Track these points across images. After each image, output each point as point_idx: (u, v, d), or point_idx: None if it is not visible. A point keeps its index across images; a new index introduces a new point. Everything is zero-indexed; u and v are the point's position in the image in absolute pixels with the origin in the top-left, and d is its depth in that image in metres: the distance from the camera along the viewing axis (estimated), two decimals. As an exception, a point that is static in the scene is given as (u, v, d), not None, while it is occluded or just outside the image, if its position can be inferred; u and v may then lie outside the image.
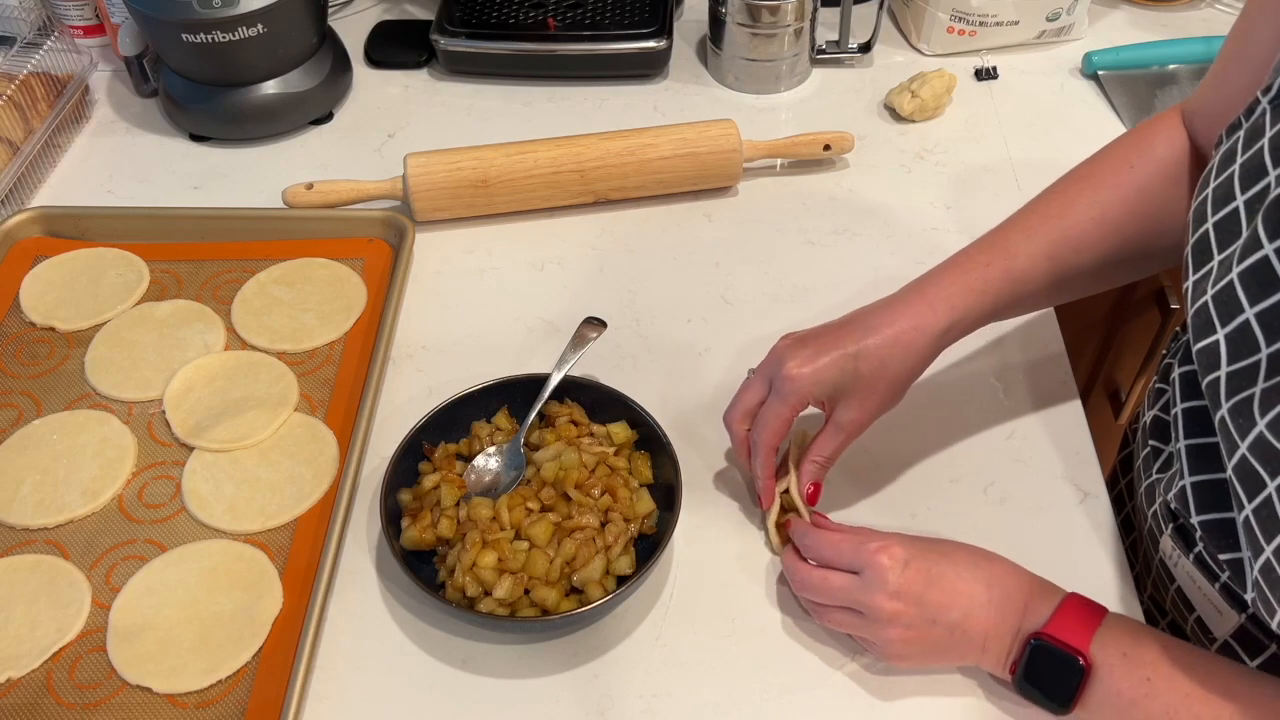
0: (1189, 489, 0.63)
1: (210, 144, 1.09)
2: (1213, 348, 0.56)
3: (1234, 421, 0.54)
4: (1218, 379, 0.55)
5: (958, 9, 1.14)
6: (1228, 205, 0.57)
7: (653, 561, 0.70)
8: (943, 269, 0.73)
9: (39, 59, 1.06)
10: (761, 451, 0.73)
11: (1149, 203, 0.72)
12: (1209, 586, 0.66)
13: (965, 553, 0.67)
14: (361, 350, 0.88)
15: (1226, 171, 0.58)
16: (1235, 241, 0.55)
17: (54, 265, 0.95)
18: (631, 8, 1.16)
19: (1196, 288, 0.58)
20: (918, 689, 0.68)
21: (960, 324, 0.71)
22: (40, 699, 0.68)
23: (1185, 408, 0.65)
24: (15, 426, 0.83)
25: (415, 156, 0.97)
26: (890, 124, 1.11)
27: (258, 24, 1.00)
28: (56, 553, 0.76)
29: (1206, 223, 0.58)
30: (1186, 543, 0.68)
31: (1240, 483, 0.54)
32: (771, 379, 0.72)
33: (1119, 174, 0.73)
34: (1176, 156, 0.72)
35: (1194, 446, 0.64)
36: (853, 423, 0.71)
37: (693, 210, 1.02)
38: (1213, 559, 0.65)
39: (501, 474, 0.77)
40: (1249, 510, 0.53)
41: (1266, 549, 0.53)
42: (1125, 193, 0.72)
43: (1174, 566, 0.70)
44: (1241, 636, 0.65)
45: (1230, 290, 0.55)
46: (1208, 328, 0.56)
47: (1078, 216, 0.72)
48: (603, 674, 0.70)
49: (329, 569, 0.72)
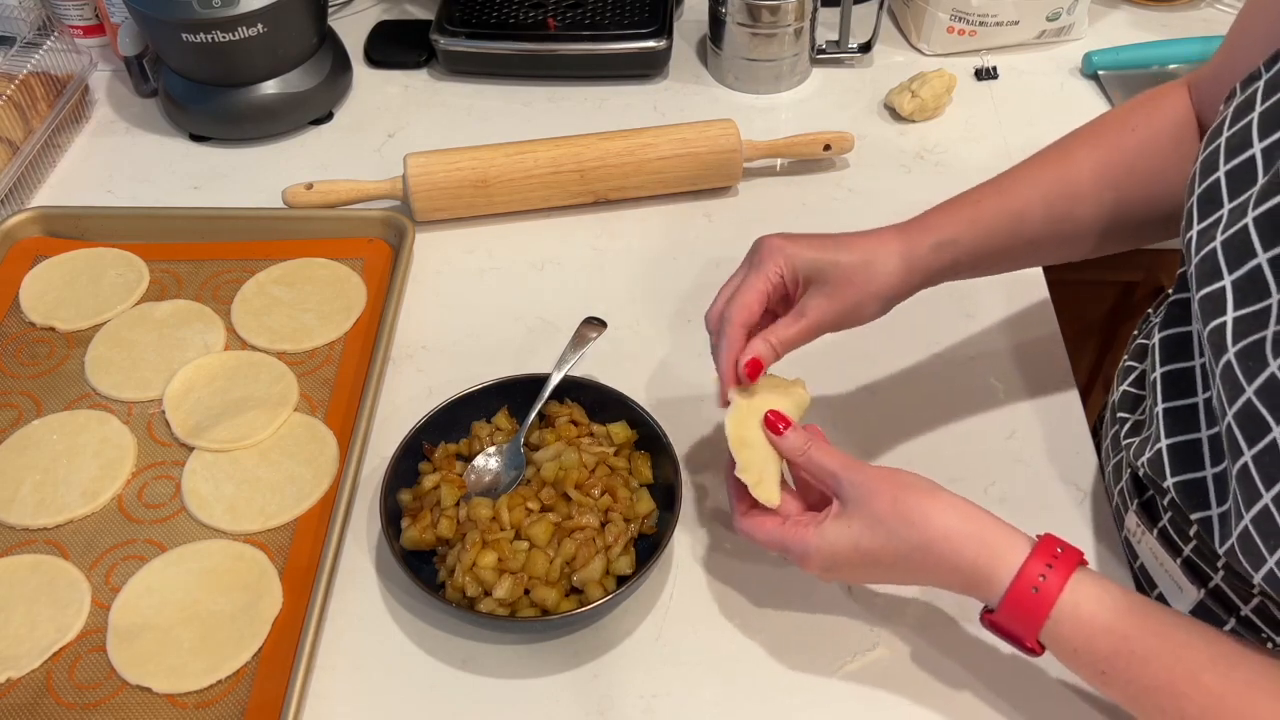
0: (1164, 451, 0.63)
1: (210, 144, 1.09)
2: (1217, 294, 0.56)
3: (1241, 365, 0.53)
4: (1223, 324, 0.55)
5: (958, 9, 1.14)
6: (1243, 153, 0.57)
7: (653, 561, 0.70)
8: (934, 206, 0.73)
9: (39, 59, 1.06)
10: (729, 328, 0.68)
11: (1149, 164, 0.72)
12: (1171, 563, 0.67)
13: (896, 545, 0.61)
14: (361, 350, 0.88)
15: (1243, 121, 0.58)
16: (1250, 189, 0.56)
17: (54, 265, 0.95)
18: (631, 8, 1.16)
19: (1202, 236, 0.58)
20: (918, 689, 0.69)
21: (949, 247, 0.70)
22: (40, 699, 0.68)
23: (1165, 371, 0.65)
24: (15, 426, 0.83)
25: (415, 156, 0.97)
26: (890, 124, 1.11)
27: (258, 24, 1.00)
28: (56, 553, 0.76)
29: (1217, 171, 0.58)
30: (1151, 518, 0.69)
31: (1241, 429, 0.53)
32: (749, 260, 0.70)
33: (1121, 134, 0.73)
34: (1180, 123, 0.72)
35: (1171, 409, 0.63)
36: (819, 311, 0.68)
37: (693, 210, 1.02)
38: (1177, 530, 0.65)
39: (501, 474, 0.77)
40: (1248, 457, 0.53)
41: (1265, 495, 0.52)
42: (1126, 152, 0.72)
43: (1137, 544, 0.71)
44: (1202, 612, 0.66)
45: (1243, 235, 0.55)
46: (1213, 274, 0.56)
47: (1078, 167, 0.72)
48: (603, 674, 0.70)
49: (329, 569, 0.72)
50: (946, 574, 0.61)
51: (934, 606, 0.72)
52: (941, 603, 0.72)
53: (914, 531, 0.60)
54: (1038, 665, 0.69)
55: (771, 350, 0.68)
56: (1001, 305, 0.92)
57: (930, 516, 0.60)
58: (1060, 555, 0.59)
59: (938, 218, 0.72)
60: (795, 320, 0.68)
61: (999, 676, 0.69)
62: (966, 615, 0.72)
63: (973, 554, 0.60)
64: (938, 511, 0.61)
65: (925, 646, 0.71)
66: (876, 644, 0.71)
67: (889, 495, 0.61)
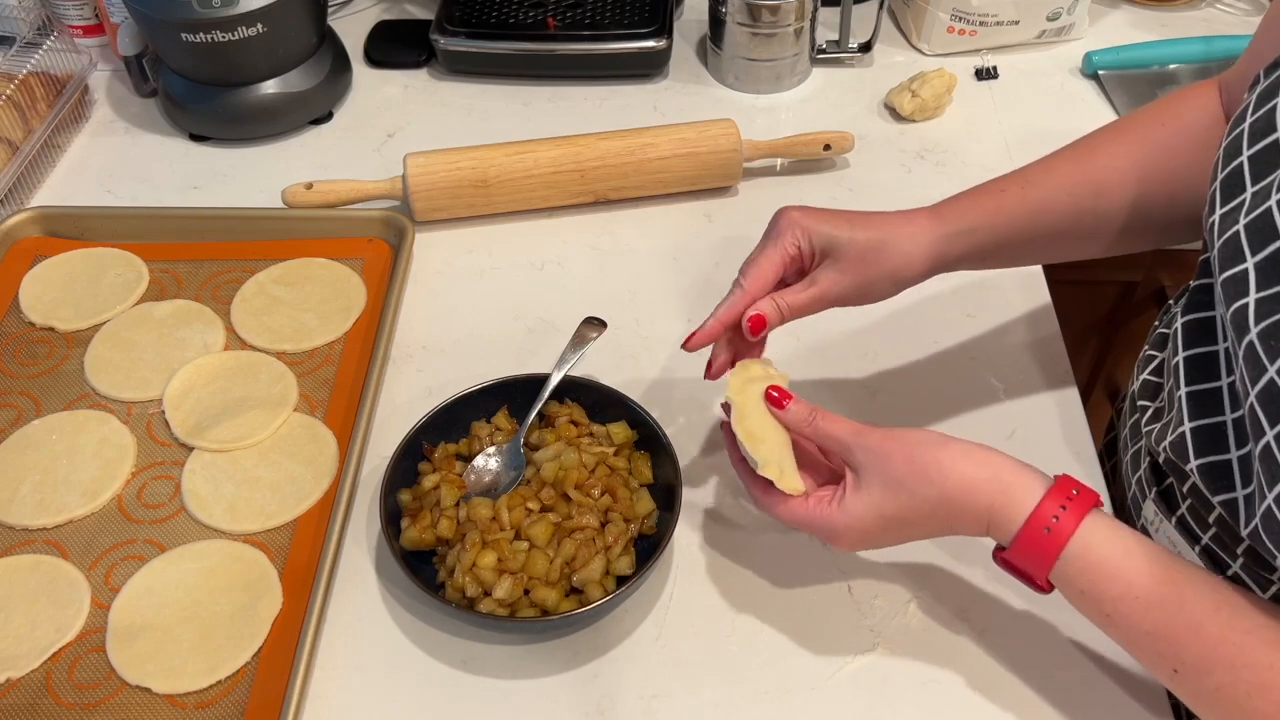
0: (1188, 434, 0.63)
1: (210, 144, 1.09)
2: (1240, 276, 0.56)
3: (1264, 345, 0.54)
4: (1245, 305, 0.55)
5: (958, 9, 1.14)
6: (1267, 138, 0.57)
7: (653, 561, 0.70)
8: (958, 193, 0.73)
9: (38, 59, 1.06)
10: (736, 290, 0.70)
11: (1176, 163, 0.72)
12: (1190, 551, 0.67)
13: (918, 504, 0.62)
14: (361, 350, 0.88)
15: (1266, 106, 0.58)
16: (1273, 173, 0.56)
17: (53, 265, 0.95)
18: (631, 8, 1.16)
19: (1225, 220, 0.59)
20: (917, 689, 0.69)
21: (969, 235, 0.71)
22: (40, 699, 0.68)
23: (1188, 355, 0.65)
24: (15, 426, 0.83)
25: (415, 156, 0.97)
26: (890, 124, 1.11)
27: (258, 24, 1.00)
28: (56, 553, 0.76)
29: (1241, 156, 0.59)
30: (1169, 506, 0.69)
31: (1264, 408, 0.54)
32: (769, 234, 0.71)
33: (1149, 129, 0.73)
34: (1208, 123, 0.72)
35: (1194, 393, 0.64)
36: (829, 282, 0.69)
37: (693, 210, 1.02)
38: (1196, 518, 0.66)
39: (501, 474, 0.77)
40: (1270, 436, 0.53)
41: None
42: (1152, 149, 0.72)
43: (1155, 533, 0.71)
44: None
45: (1267, 217, 0.55)
46: (1236, 257, 0.56)
47: (1102, 162, 0.72)
48: (603, 674, 0.70)
49: (329, 569, 0.72)
50: (968, 521, 0.62)
51: (934, 607, 0.72)
52: (941, 603, 0.73)
53: (933, 488, 0.61)
54: (1037, 667, 0.69)
55: (778, 312, 0.69)
56: (1002, 305, 0.92)
57: (946, 469, 0.61)
58: (1075, 497, 0.60)
59: (960, 205, 0.72)
60: (805, 287, 0.70)
61: (999, 676, 0.69)
62: (966, 615, 0.72)
63: (989, 498, 0.61)
64: (952, 462, 0.62)
65: (925, 647, 0.71)
66: (876, 644, 0.71)
67: (903, 455, 0.62)
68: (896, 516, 0.62)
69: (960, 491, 0.61)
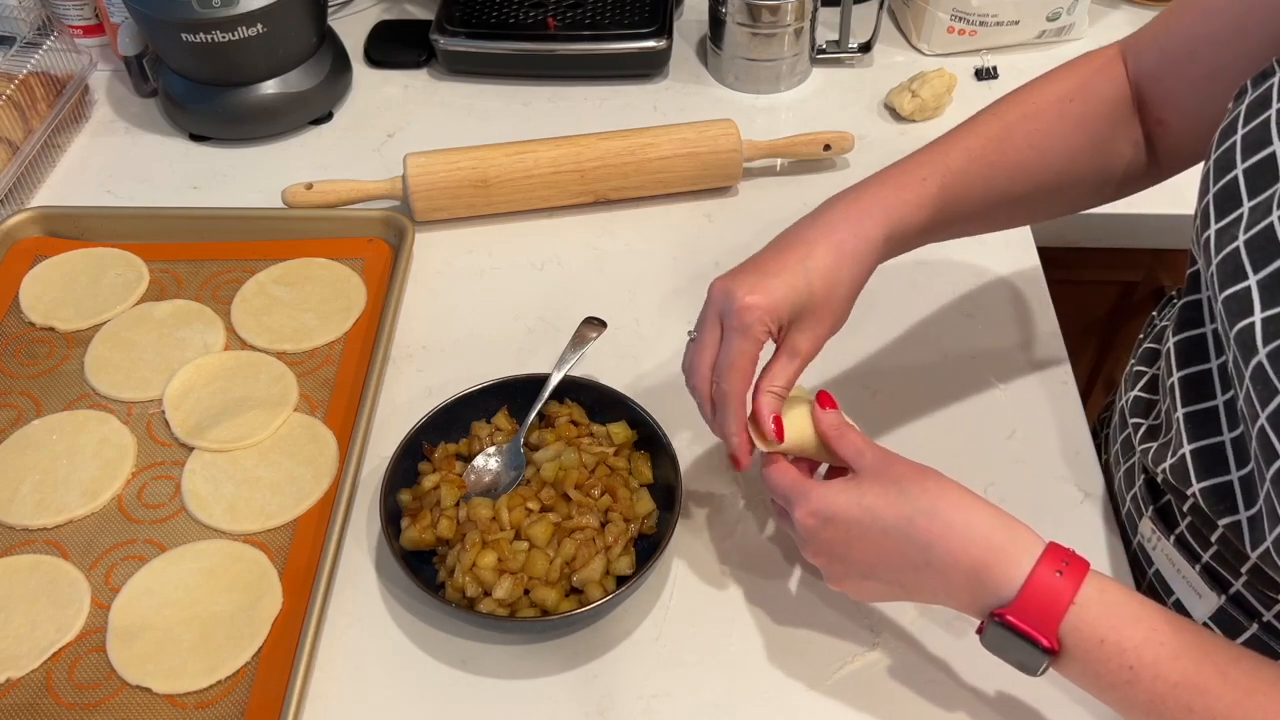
0: (1188, 456, 0.62)
1: (210, 144, 1.09)
2: (1243, 294, 0.55)
3: (1274, 365, 0.52)
4: (1251, 325, 0.54)
5: (958, 9, 1.14)
6: (1262, 150, 0.56)
7: (653, 561, 0.70)
8: (879, 179, 0.71)
9: (38, 59, 1.06)
10: (733, 402, 0.66)
11: (1085, 138, 0.73)
12: (1189, 569, 0.66)
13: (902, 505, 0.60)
14: (361, 350, 0.88)
15: (1259, 118, 0.57)
16: (1271, 186, 0.55)
17: (53, 265, 0.95)
18: (631, 8, 1.16)
19: (1221, 235, 0.58)
20: (916, 691, 0.68)
21: (895, 237, 0.69)
22: (40, 699, 0.68)
23: (1182, 375, 0.65)
24: (15, 426, 0.83)
25: (415, 156, 0.97)
26: (890, 124, 1.11)
27: (258, 24, 1.00)
28: (56, 553, 0.76)
29: (1235, 169, 0.58)
30: (1167, 524, 0.68)
31: (1275, 430, 0.52)
32: (723, 319, 0.66)
33: (1061, 106, 0.73)
34: (1117, 96, 0.73)
35: (1191, 414, 0.63)
36: (810, 344, 0.67)
37: (693, 210, 1.02)
38: (1196, 536, 0.65)
39: (501, 474, 0.77)
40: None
41: None
42: (1064, 125, 0.72)
43: (1152, 550, 0.70)
44: (1221, 619, 0.65)
45: (1269, 233, 0.54)
46: (1237, 274, 0.55)
47: (1017, 143, 0.72)
48: (603, 674, 0.70)
49: (329, 569, 0.72)
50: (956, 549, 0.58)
51: (933, 607, 0.72)
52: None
53: (926, 497, 0.59)
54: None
55: (780, 400, 0.67)
56: (1002, 305, 0.92)
57: (947, 488, 0.60)
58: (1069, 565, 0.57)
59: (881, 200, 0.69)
60: (791, 361, 0.67)
61: (998, 677, 0.69)
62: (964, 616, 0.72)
63: (986, 530, 0.58)
64: (956, 490, 0.60)
65: (923, 648, 0.71)
66: (875, 646, 0.71)
67: (913, 466, 0.62)
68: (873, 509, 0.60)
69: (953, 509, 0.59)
